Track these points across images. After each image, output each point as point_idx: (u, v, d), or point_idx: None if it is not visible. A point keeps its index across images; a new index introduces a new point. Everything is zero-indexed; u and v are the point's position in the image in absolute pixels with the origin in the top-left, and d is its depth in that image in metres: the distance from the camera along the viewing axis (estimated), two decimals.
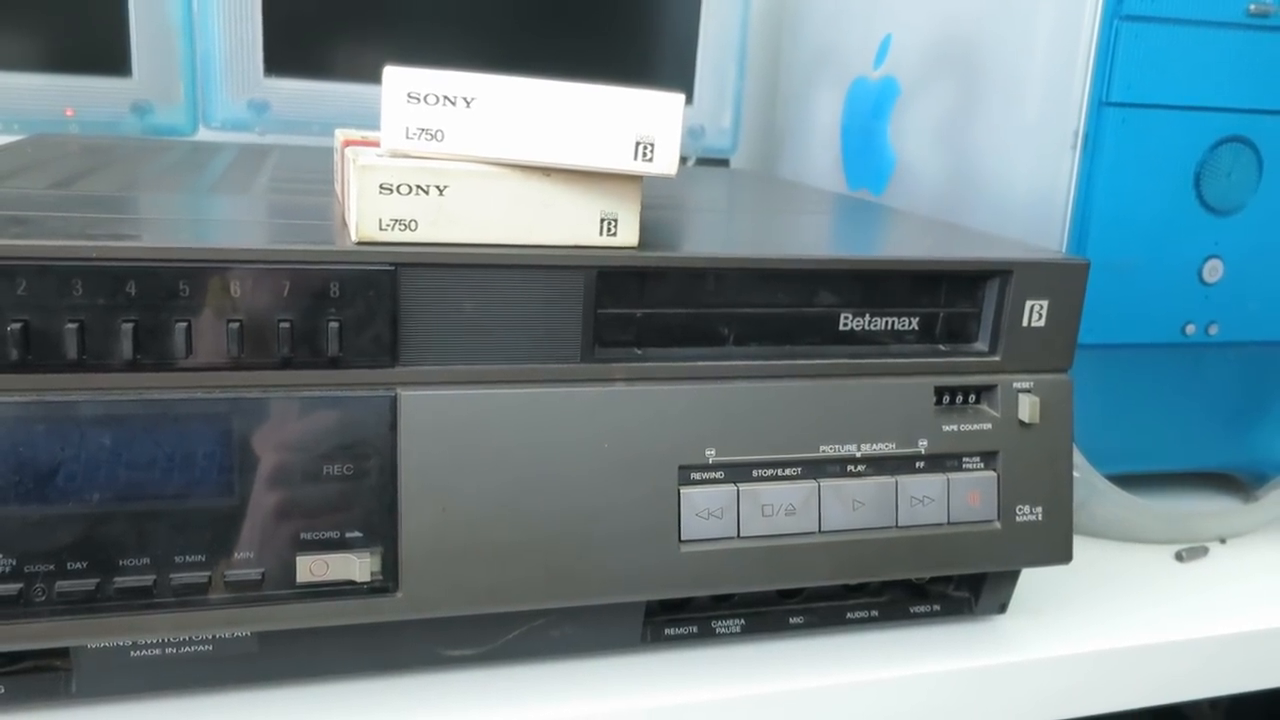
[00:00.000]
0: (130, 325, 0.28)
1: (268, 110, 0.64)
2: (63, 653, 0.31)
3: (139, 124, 0.62)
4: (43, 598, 0.29)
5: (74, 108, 0.61)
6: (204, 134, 0.64)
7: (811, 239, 0.41)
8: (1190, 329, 0.48)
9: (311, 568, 0.30)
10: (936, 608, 0.40)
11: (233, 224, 0.35)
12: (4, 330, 0.28)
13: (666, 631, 0.37)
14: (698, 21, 0.71)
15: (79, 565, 0.29)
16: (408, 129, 0.30)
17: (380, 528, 0.31)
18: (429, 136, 0.30)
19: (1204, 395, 0.50)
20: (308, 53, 0.64)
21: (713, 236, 0.40)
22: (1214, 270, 0.47)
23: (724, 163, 0.76)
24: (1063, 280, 0.37)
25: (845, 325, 0.36)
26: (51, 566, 0.29)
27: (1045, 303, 0.37)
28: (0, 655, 0.31)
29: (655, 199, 0.46)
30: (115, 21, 0.60)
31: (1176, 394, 0.49)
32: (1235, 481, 0.55)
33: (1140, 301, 0.47)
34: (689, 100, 0.71)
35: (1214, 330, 0.48)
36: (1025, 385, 0.37)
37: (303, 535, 0.30)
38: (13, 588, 0.28)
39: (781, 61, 0.75)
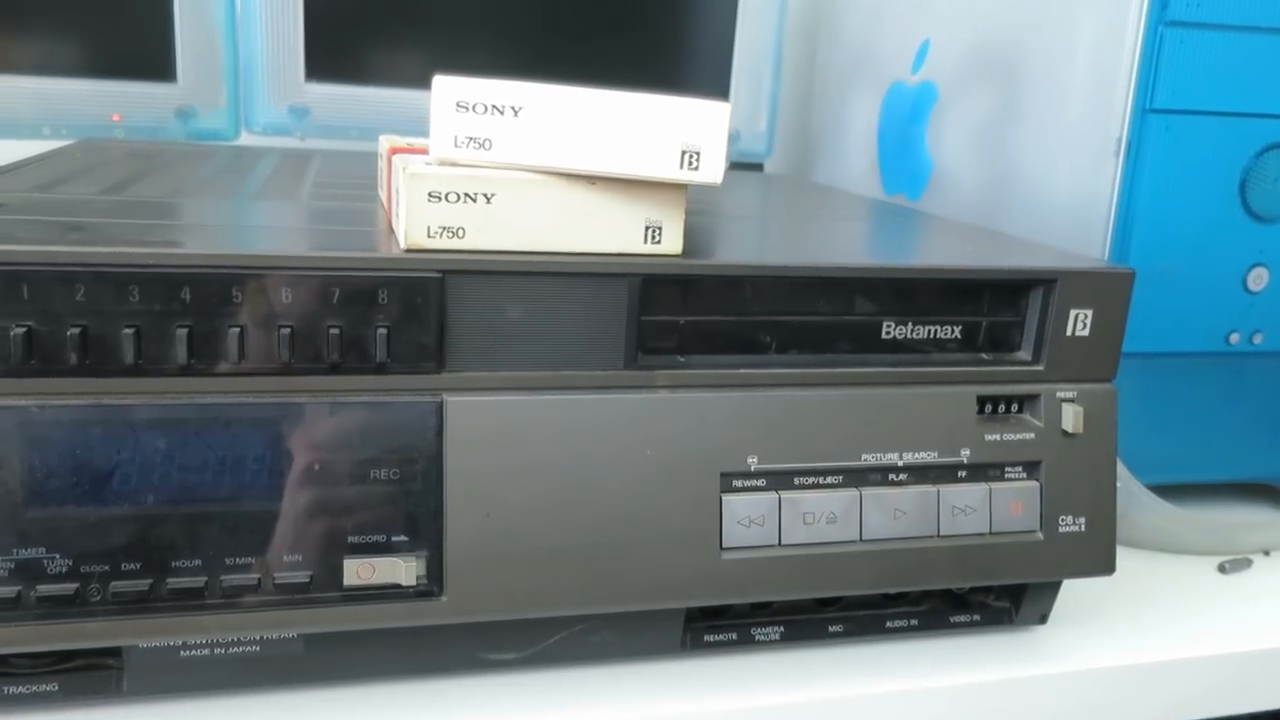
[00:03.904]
0: (185, 331, 0.29)
1: (308, 115, 0.64)
2: (115, 652, 0.32)
3: (183, 129, 0.63)
4: (97, 597, 0.29)
5: (120, 113, 0.62)
6: (246, 138, 0.65)
7: (853, 246, 0.41)
8: (1234, 338, 0.47)
9: (358, 571, 0.31)
10: (976, 617, 0.40)
11: (282, 230, 0.35)
12: (63, 335, 0.28)
13: (706, 638, 0.37)
14: (734, 25, 0.71)
15: (133, 566, 0.29)
16: (456, 137, 0.30)
17: (426, 532, 0.31)
18: (477, 145, 0.30)
19: (1248, 405, 0.49)
20: (348, 58, 0.64)
21: (754, 244, 0.40)
22: (1259, 279, 0.47)
23: (758, 167, 0.76)
24: (1108, 289, 0.36)
25: (887, 333, 0.36)
26: (106, 567, 0.29)
27: (1090, 312, 0.36)
28: (54, 653, 0.31)
29: (693, 205, 0.46)
30: (161, 28, 0.61)
31: (1220, 404, 0.49)
32: (1278, 493, 0.54)
33: (1183, 310, 0.46)
34: None
35: (1258, 339, 0.47)
36: (1069, 395, 0.37)
37: (350, 539, 0.31)
38: (69, 587, 0.29)
39: (817, 65, 0.75)
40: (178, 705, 0.33)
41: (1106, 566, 0.38)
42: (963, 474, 0.36)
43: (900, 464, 0.35)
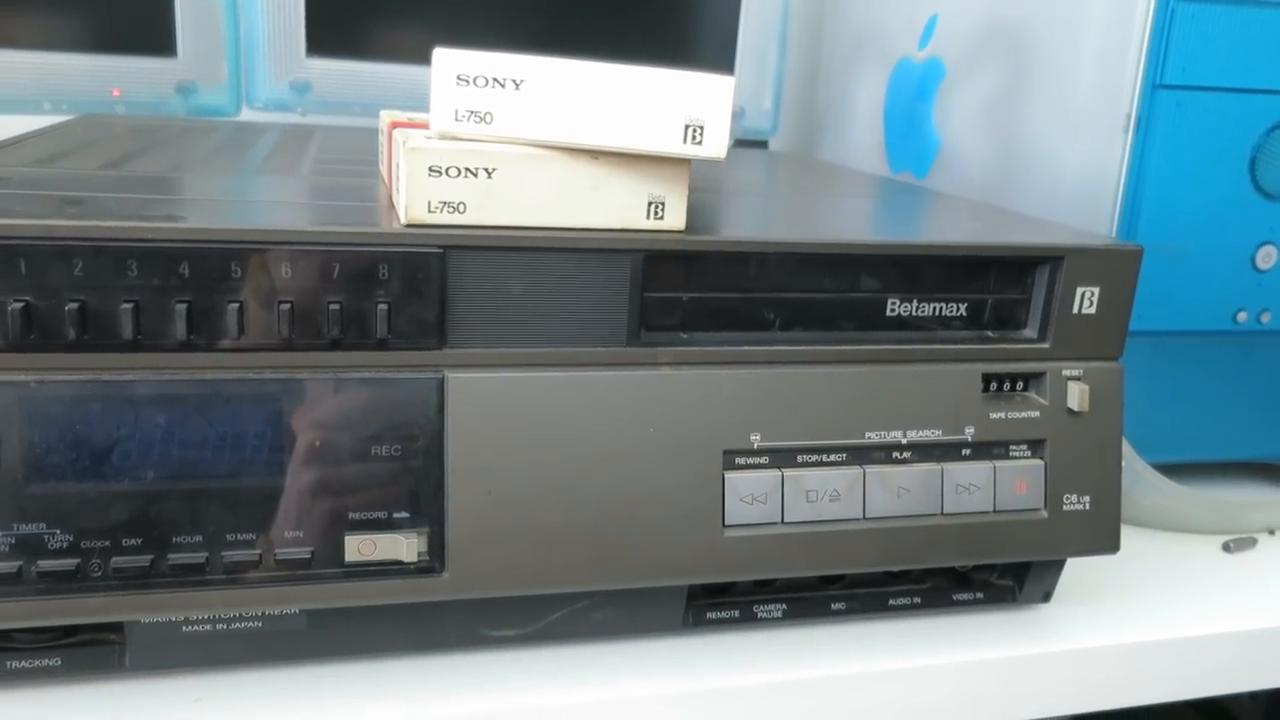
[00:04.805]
0: (184, 306, 0.29)
1: (309, 91, 0.64)
2: (116, 627, 0.32)
3: (184, 104, 0.63)
4: (99, 573, 0.29)
5: (121, 88, 0.61)
6: (247, 114, 0.64)
7: (859, 223, 0.40)
8: (1242, 317, 0.47)
9: (360, 547, 0.31)
10: (980, 595, 0.40)
11: (282, 205, 0.35)
12: (61, 310, 0.28)
13: (708, 615, 0.37)
14: (739, 1, 0.70)
15: (134, 542, 0.29)
16: (457, 111, 0.30)
17: (427, 509, 0.31)
18: (478, 119, 0.30)
19: (1254, 384, 0.49)
20: (349, 33, 0.64)
21: (759, 220, 0.40)
22: (1268, 257, 0.46)
23: (763, 144, 0.75)
24: (1115, 267, 0.36)
25: (892, 311, 0.36)
26: (107, 543, 0.29)
27: (1096, 289, 0.36)
28: (56, 629, 0.31)
29: (696, 182, 0.45)
30: (162, 2, 0.60)
31: (1226, 382, 0.49)
32: None
33: (1191, 288, 0.46)
34: None
35: (1266, 318, 0.47)
36: (1075, 373, 0.37)
37: (351, 515, 0.31)
38: (70, 563, 0.29)
39: (823, 42, 0.74)
40: (180, 681, 0.33)
41: (1111, 545, 0.38)
42: (967, 452, 0.36)
43: (904, 442, 0.35)
